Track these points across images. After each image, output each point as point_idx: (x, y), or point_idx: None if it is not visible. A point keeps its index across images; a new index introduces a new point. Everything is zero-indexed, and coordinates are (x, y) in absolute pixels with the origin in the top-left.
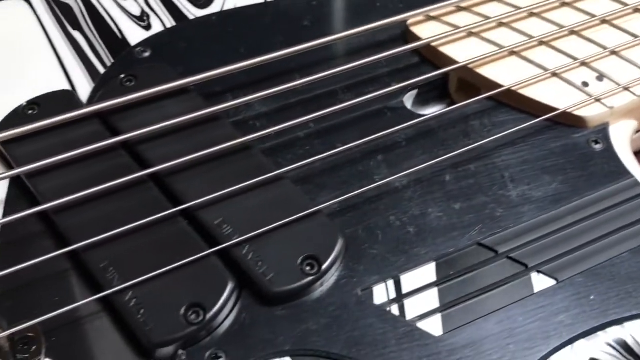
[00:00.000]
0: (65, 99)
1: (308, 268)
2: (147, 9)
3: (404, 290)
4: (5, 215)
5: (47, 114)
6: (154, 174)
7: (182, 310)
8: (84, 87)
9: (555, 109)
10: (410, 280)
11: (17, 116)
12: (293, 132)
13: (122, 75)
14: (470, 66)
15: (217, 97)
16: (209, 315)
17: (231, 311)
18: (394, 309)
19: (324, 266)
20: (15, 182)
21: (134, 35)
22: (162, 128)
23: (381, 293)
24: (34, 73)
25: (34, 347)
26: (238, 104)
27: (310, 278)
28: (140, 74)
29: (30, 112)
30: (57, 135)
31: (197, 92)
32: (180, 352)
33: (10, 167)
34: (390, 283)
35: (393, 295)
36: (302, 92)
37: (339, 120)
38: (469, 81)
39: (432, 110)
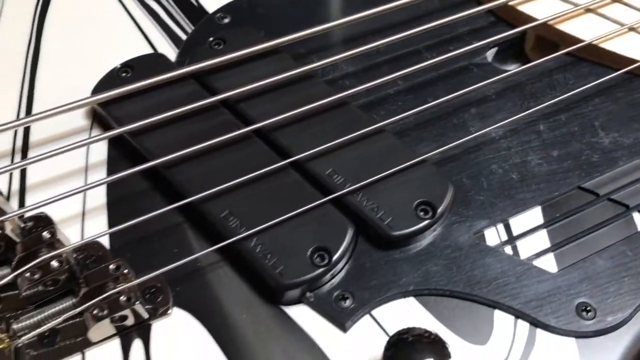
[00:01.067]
0: (157, 61)
1: (422, 213)
2: None
3: (514, 233)
4: (109, 174)
5: (141, 76)
6: (257, 129)
7: (308, 254)
8: (168, 53)
9: (635, 61)
10: (519, 223)
11: (112, 78)
12: (383, 89)
13: (211, 39)
14: (550, 23)
15: (303, 58)
16: (334, 258)
17: (351, 255)
18: (508, 250)
19: (439, 210)
20: (114, 142)
21: (210, 2)
22: (262, 86)
23: (492, 236)
24: (116, 41)
25: (160, 297)
26: (331, 62)
27: (426, 222)
28: (229, 37)
29: (124, 74)
30: (154, 96)
31: (286, 53)
32: (308, 294)
33: (106, 128)
34: (500, 226)
35: (504, 237)
36: (385, 53)
37: (426, 78)
38: (548, 38)
39: (510, 68)
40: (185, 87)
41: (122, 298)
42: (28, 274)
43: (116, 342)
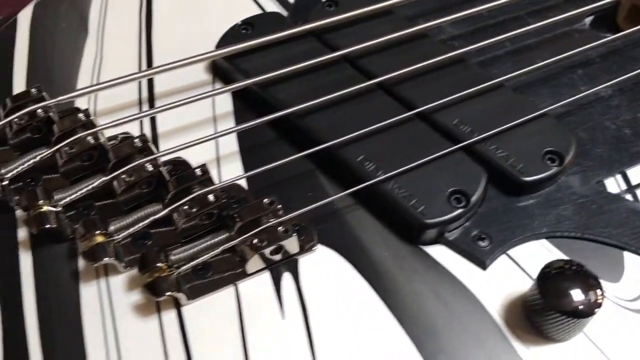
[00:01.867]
0: (275, 20)
1: (549, 162)
2: None
3: (633, 183)
4: (238, 123)
5: (261, 33)
6: (380, 83)
7: (446, 195)
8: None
9: None
10: (636, 173)
11: (233, 34)
12: (492, 50)
13: (323, 0)
14: None
15: (413, 19)
16: (472, 199)
17: (484, 199)
18: (629, 197)
19: (566, 159)
20: (238, 94)
21: None
22: (381, 43)
23: (612, 185)
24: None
25: (305, 234)
26: (442, 22)
27: (554, 169)
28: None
29: (244, 31)
30: (277, 51)
31: (398, 14)
32: (447, 233)
33: (227, 82)
34: (619, 177)
35: (624, 186)
36: (488, 18)
37: (532, 41)
38: None
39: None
40: (305, 44)
41: (280, 229)
42: (185, 207)
43: (266, 275)
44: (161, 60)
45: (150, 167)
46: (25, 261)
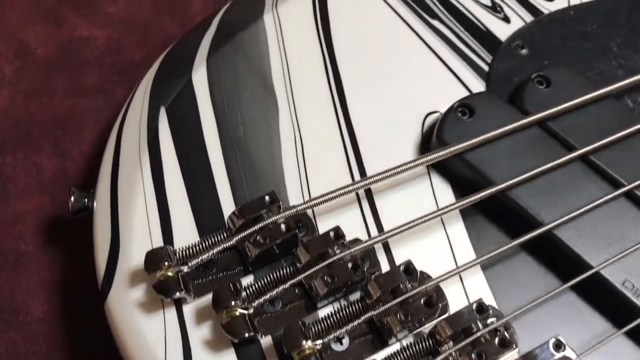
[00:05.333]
0: (493, 102)
1: None
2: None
3: None
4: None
5: (485, 119)
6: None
7: None
8: (474, 84)
9: None
10: None
11: (450, 121)
12: None
13: (533, 76)
14: None
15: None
16: None
17: None
18: None
19: None
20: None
21: (496, 26)
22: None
23: None
24: (416, 72)
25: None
26: None
27: None
28: (553, 77)
29: (463, 116)
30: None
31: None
32: None
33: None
34: None
35: None
36: None
37: None
38: None
39: None
40: (529, 132)
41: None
42: None
43: None
44: (367, 147)
45: None
46: None
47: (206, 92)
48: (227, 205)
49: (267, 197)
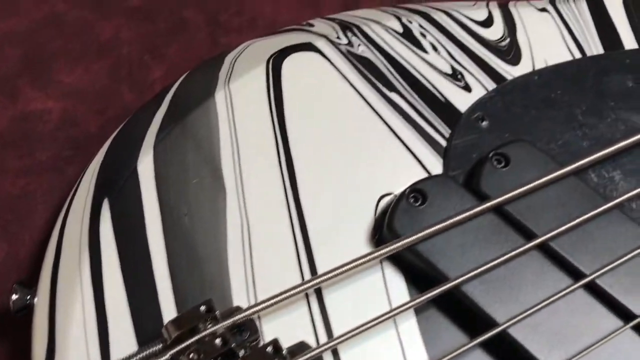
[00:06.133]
0: (447, 186)
1: None
2: (456, 65)
3: None
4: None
5: (437, 206)
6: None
7: None
8: (430, 160)
9: None
10: None
11: (402, 209)
12: None
13: (491, 154)
14: None
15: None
16: None
17: None
18: None
19: None
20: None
21: (455, 97)
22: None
23: None
24: (370, 147)
25: None
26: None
27: None
28: (512, 155)
29: (415, 203)
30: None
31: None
32: None
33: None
34: None
35: None
36: None
37: None
38: None
39: None
40: (484, 218)
41: None
42: None
43: None
44: (318, 239)
45: None
46: None
47: (152, 182)
48: (168, 310)
49: (202, 307)
